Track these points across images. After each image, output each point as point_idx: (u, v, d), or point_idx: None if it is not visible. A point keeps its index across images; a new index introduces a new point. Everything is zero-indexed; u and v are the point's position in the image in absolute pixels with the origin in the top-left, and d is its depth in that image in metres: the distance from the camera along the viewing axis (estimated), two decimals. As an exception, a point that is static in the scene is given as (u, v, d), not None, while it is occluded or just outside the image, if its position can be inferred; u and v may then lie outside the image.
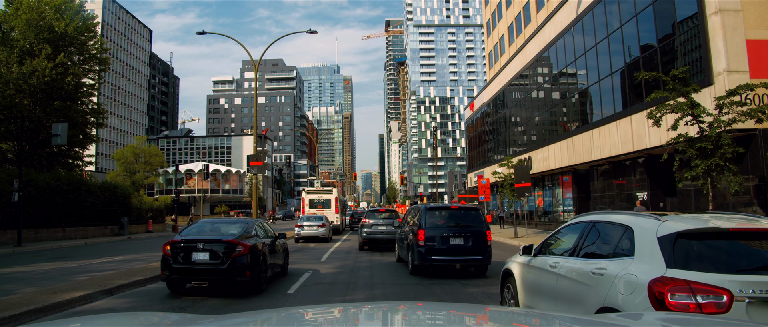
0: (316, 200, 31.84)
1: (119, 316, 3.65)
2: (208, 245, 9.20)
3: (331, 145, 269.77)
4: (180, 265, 9.14)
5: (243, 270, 9.11)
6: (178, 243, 9.24)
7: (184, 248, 9.18)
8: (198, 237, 9.44)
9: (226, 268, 9.03)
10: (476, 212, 12.50)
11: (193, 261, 9.11)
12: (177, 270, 9.16)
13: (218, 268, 9.05)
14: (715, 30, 15.38)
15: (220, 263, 9.06)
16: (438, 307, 3.71)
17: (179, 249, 9.19)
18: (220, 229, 10.08)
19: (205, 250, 9.15)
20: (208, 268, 9.11)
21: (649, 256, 4.10)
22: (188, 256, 9.13)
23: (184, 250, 9.17)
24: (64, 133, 22.28)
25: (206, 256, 9.13)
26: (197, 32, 24.38)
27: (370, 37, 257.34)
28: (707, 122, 12.29)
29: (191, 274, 9.22)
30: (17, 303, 7.81)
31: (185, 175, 71.41)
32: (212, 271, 9.12)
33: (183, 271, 9.17)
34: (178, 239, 9.35)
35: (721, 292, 3.60)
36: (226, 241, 9.24)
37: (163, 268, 9.35)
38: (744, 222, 4.24)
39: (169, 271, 9.23)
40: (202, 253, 9.14)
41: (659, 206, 19.75)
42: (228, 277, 9.12)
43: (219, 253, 9.12)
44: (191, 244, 9.20)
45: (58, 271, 13.28)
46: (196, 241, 9.25)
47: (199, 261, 9.11)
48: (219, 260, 9.09)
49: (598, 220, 5.22)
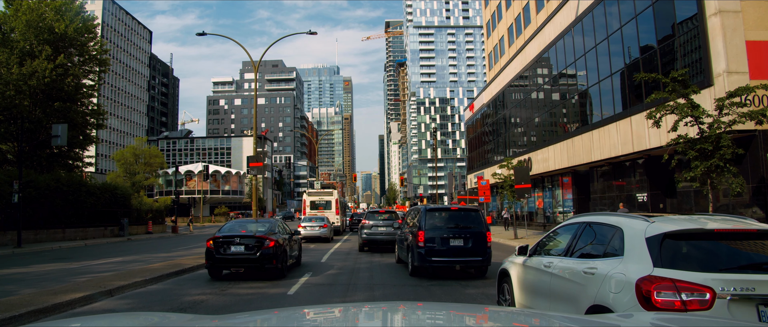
0: (317, 201, 32.03)
1: (119, 317, 3.65)
2: (244, 240, 11.42)
3: (330, 146, 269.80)
4: (221, 255, 11.28)
5: (270, 259, 11.28)
6: (219, 239, 11.35)
7: (223, 242, 11.33)
8: (234, 233, 11.65)
9: (257, 257, 11.22)
10: (476, 213, 12.48)
11: (232, 252, 11.31)
12: (218, 260, 11.30)
13: (251, 258, 11.24)
14: (715, 31, 15.39)
15: (253, 254, 11.25)
16: (438, 308, 3.73)
17: (220, 243, 11.31)
18: (250, 227, 12.28)
19: (241, 244, 11.37)
20: (243, 257, 11.30)
21: (637, 255, 4.24)
22: (227, 249, 11.31)
23: (224, 244, 11.32)
24: (64, 134, 22.28)
25: (241, 249, 11.34)
26: (197, 33, 24.26)
27: (369, 38, 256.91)
28: (707, 123, 12.30)
29: (230, 262, 11.40)
30: (17, 304, 7.81)
31: (185, 176, 71.43)
32: (247, 260, 11.29)
33: (223, 260, 11.32)
34: (219, 235, 11.45)
35: (705, 290, 3.76)
36: (257, 236, 11.45)
37: (207, 258, 11.43)
38: (729, 223, 4.39)
39: (211, 260, 11.33)
40: (238, 246, 11.36)
41: (659, 207, 19.75)
42: (259, 265, 11.30)
43: (251, 246, 11.32)
44: (229, 239, 11.38)
45: (58, 272, 13.27)
46: (234, 237, 11.45)
47: (236, 252, 11.31)
48: (252, 251, 11.27)
49: (591, 221, 5.37)
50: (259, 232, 11.78)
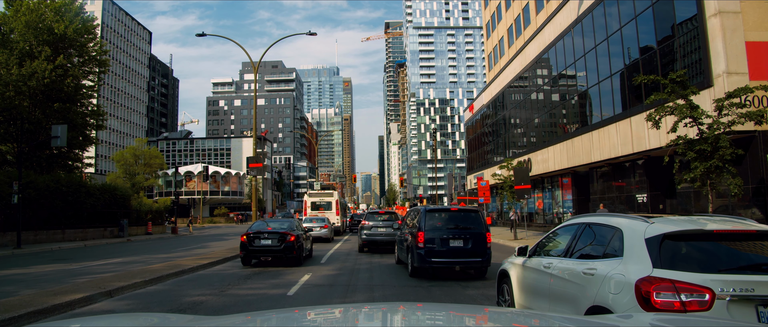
0: (317, 202, 32.17)
1: (119, 317, 3.65)
2: (271, 235, 14.32)
3: (330, 146, 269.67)
4: (253, 247, 14.27)
5: (292, 250, 14.20)
6: (250, 234, 14.37)
7: (254, 237, 14.33)
8: (263, 229, 14.54)
9: (282, 248, 14.16)
10: (476, 214, 12.47)
11: (261, 245, 14.28)
12: (251, 250, 14.28)
13: (277, 248, 14.19)
14: (715, 32, 15.40)
15: (278, 246, 14.20)
16: (437, 308, 3.73)
17: (251, 238, 14.32)
18: (274, 226, 14.92)
19: (269, 238, 14.30)
20: (270, 248, 14.25)
21: (637, 256, 4.24)
22: (258, 242, 14.29)
23: (255, 238, 14.32)
24: (64, 135, 22.26)
25: (269, 242, 14.28)
26: (197, 34, 24.45)
27: (369, 39, 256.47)
28: (706, 124, 12.30)
29: (260, 252, 14.34)
30: (17, 305, 7.81)
31: (185, 176, 71.42)
32: (273, 250, 14.22)
33: (255, 250, 14.29)
34: (250, 232, 14.47)
35: (704, 291, 3.75)
36: (281, 232, 14.39)
37: (242, 249, 14.39)
38: (728, 224, 4.37)
39: (245, 251, 14.30)
40: (266, 239, 14.31)
41: (659, 208, 19.75)
42: (283, 254, 14.17)
43: (277, 239, 14.25)
44: (259, 234, 14.37)
45: (57, 273, 13.26)
46: (263, 232, 14.40)
47: (264, 245, 14.29)
48: (278, 244, 14.21)
49: (590, 222, 5.36)
50: (282, 229, 14.59)
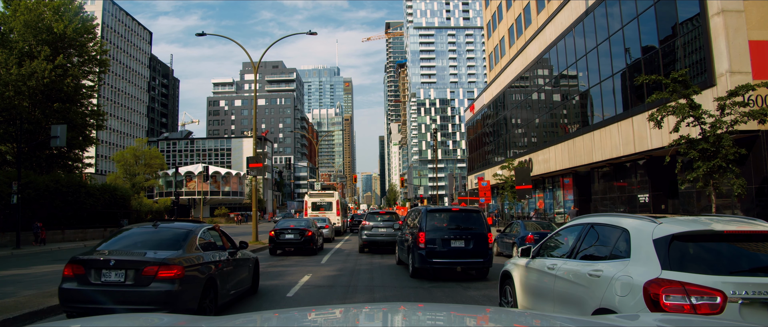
0: (318, 203, 32.27)
1: (119, 317, 3.59)
2: (294, 231, 17.75)
3: (331, 147, 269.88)
4: (279, 240, 17.77)
5: (309, 242, 17.67)
6: (277, 230, 17.97)
7: (280, 232, 17.84)
8: (287, 227, 18.09)
9: (302, 241, 17.61)
10: (477, 214, 12.41)
11: (286, 238, 17.74)
12: (278, 242, 17.78)
13: (298, 241, 17.64)
14: (718, 31, 15.33)
15: (300, 239, 17.62)
16: (438, 308, 3.69)
17: (278, 232, 17.85)
18: (296, 223, 18.72)
19: (292, 233, 17.73)
20: (293, 241, 17.69)
21: (644, 258, 4.14)
22: (283, 236, 17.77)
23: (280, 233, 17.80)
24: (64, 135, 22.23)
25: (292, 236, 17.71)
26: (197, 34, 24.19)
27: (370, 40, 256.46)
28: (709, 123, 12.22)
29: (285, 244, 17.81)
30: (16, 306, 7.76)
31: (185, 177, 71.42)
32: (295, 242, 17.68)
33: (281, 243, 17.78)
34: (277, 228, 18.10)
35: (715, 294, 3.66)
36: (301, 228, 17.85)
37: (270, 242, 18.09)
38: (738, 224, 4.27)
39: (273, 243, 17.83)
40: (290, 234, 17.75)
41: (661, 208, 19.69)
42: (303, 245, 17.64)
43: (298, 234, 17.66)
44: (284, 230, 17.88)
45: (57, 273, 13.14)
46: (287, 229, 17.89)
47: (288, 238, 17.72)
48: (299, 237, 17.63)
49: (595, 223, 5.27)
50: (301, 226, 18.05)
